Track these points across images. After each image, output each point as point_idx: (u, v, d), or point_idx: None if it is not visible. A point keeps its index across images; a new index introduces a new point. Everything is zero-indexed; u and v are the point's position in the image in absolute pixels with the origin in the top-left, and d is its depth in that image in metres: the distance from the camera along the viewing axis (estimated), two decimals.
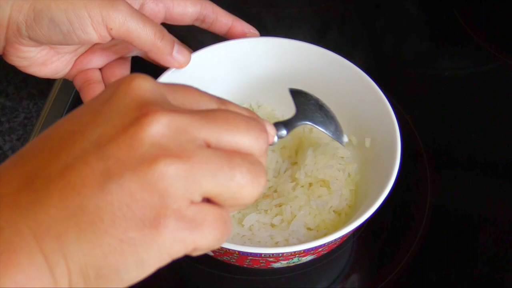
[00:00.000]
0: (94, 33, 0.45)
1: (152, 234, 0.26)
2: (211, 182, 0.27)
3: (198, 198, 0.27)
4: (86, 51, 0.52)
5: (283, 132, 0.39)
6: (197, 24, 0.55)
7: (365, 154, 0.54)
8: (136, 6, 0.49)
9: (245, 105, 0.59)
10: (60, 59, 0.50)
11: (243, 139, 0.28)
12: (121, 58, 0.54)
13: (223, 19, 0.55)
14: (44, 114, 0.64)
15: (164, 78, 0.52)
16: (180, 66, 0.51)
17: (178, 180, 0.26)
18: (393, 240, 0.56)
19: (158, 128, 0.26)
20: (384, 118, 0.52)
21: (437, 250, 0.56)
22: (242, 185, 0.28)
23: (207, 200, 0.28)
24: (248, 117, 0.30)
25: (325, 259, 0.53)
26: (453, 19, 0.77)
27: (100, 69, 0.53)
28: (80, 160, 0.26)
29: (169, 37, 0.49)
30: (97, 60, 0.53)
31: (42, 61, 0.49)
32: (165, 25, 0.52)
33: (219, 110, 0.30)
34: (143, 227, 0.26)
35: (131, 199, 0.26)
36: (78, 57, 0.52)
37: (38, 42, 0.47)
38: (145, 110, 0.27)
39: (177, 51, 0.50)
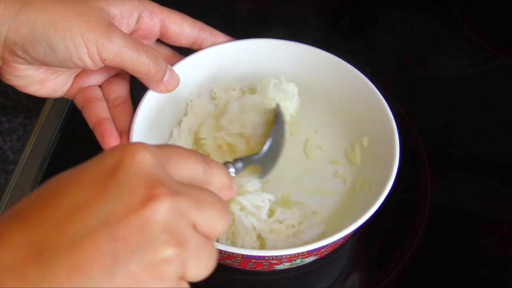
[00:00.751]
0: (89, 62, 0.45)
1: None
2: (196, 268, 0.30)
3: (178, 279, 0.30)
4: (84, 70, 0.52)
5: (239, 167, 0.43)
6: (195, 47, 0.55)
7: (364, 155, 0.54)
8: (133, 21, 0.49)
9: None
10: (58, 77, 0.50)
11: (218, 225, 0.32)
12: (120, 74, 0.54)
13: (220, 40, 0.55)
14: (44, 114, 0.64)
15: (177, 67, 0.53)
16: (168, 92, 0.51)
17: (176, 266, 0.29)
18: (393, 240, 0.56)
19: (166, 213, 0.28)
20: (382, 118, 0.52)
21: (437, 250, 0.56)
22: (209, 265, 0.31)
23: None
24: (223, 207, 0.32)
25: (325, 259, 0.53)
26: (453, 19, 0.77)
27: (100, 86, 0.53)
28: (89, 239, 0.27)
29: (163, 65, 0.49)
30: (96, 77, 0.52)
31: (39, 79, 0.49)
32: None
33: (206, 195, 0.32)
34: None
35: (135, 282, 0.27)
36: (77, 75, 0.52)
37: (32, 64, 0.46)
38: (154, 191, 0.28)
39: (168, 76, 0.50)
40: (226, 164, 0.42)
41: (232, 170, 0.42)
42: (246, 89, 0.59)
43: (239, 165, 0.43)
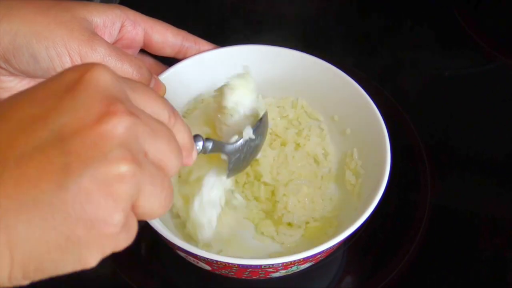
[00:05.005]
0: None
1: (98, 235, 0.27)
2: (150, 198, 0.29)
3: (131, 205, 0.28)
4: None
5: (207, 147, 0.41)
6: (180, 56, 0.54)
7: (356, 160, 0.54)
8: (115, 30, 0.49)
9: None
10: None
11: (170, 162, 0.31)
12: None
13: (205, 49, 0.55)
14: None
15: (162, 78, 0.53)
16: None
17: (131, 186, 0.27)
18: (393, 240, 0.56)
19: (122, 130, 0.27)
20: (373, 125, 0.51)
21: (437, 250, 0.56)
22: (163, 199, 0.30)
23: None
24: (178, 147, 0.31)
25: (325, 259, 0.53)
26: (453, 19, 0.77)
27: None
28: (40, 151, 0.26)
29: (146, 74, 0.48)
30: None
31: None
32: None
33: (164, 129, 0.31)
34: (92, 227, 0.26)
35: (86, 199, 0.26)
36: None
37: (15, 75, 0.45)
38: (112, 108, 0.27)
39: (153, 85, 0.50)
40: (196, 136, 0.39)
41: (200, 143, 0.40)
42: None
43: (208, 144, 0.41)
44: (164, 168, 0.30)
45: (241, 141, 0.46)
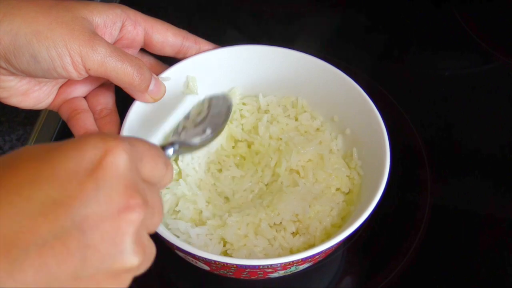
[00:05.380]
0: (74, 72, 0.44)
1: None
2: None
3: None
4: (68, 80, 0.51)
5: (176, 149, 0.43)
6: (180, 56, 0.54)
7: (356, 160, 0.54)
8: (116, 30, 0.49)
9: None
10: (42, 89, 0.49)
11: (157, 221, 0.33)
12: (105, 85, 0.52)
13: (205, 48, 0.55)
14: (44, 114, 0.64)
15: (162, 78, 0.53)
16: (154, 101, 0.51)
17: (135, 273, 0.30)
18: (393, 240, 0.56)
19: (138, 225, 0.29)
20: (372, 125, 0.51)
21: (437, 250, 0.56)
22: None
23: None
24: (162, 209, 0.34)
25: (324, 260, 0.53)
26: (453, 19, 0.77)
27: (85, 97, 0.52)
28: (61, 241, 0.27)
29: (147, 74, 0.48)
30: (81, 88, 0.51)
31: (23, 91, 0.48)
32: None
33: (158, 197, 0.33)
34: None
35: (96, 286, 0.28)
36: (61, 87, 0.51)
37: (15, 74, 0.45)
38: (131, 201, 0.29)
39: (153, 86, 0.50)
40: (166, 147, 0.42)
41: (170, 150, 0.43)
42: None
43: (175, 147, 0.43)
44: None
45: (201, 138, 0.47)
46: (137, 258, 0.29)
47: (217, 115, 0.49)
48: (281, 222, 0.50)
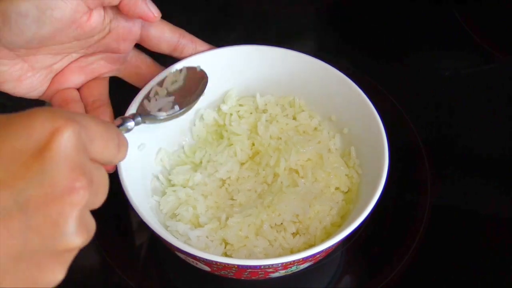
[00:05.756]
0: (66, 5, 0.43)
1: None
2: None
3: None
4: (62, 70, 0.51)
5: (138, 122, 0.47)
6: (175, 54, 0.54)
7: (354, 159, 0.54)
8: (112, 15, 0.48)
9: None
10: (35, 75, 0.49)
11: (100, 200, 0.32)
12: (99, 78, 0.53)
13: (201, 49, 0.55)
14: None
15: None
16: (155, 19, 0.49)
17: (77, 251, 0.30)
18: (393, 240, 0.56)
19: (81, 207, 0.29)
20: (370, 125, 0.51)
21: (437, 250, 0.56)
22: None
23: None
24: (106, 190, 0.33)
25: (324, 260, 0.53)
26: (453, 19, 0.77)
27: (78, 89, 0.52)
28: (2, 222, 0.27)
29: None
30: (75, 79, 0.51)
31: (16, 76, 0.47)
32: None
33: (105, 177, 0.32)
34: None
35: (37, 267, 0.28)
36: (55, 76, 0.51)
37: (11, 47, 0.45)
38: (76, 184, 0.28)
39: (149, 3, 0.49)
40: (126, 119, 0.45)
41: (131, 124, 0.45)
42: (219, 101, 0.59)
43: (138, 119, 0.46)
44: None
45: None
46: (79, 239, 0.29)
47: (190, 89, 0.50)
48: (282, 223, 0.50)
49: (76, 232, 0.29)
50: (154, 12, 0.48)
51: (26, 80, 0.48)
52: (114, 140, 0.33)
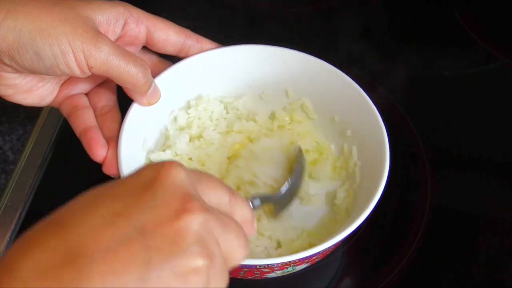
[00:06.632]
0: (77, 69, 0.44)
1: None
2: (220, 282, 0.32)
3: None
4: (70, 77, 0.51)
5: (256, 205, 0.45)
6: (182, 55, 0.54)
7: (354, 161, 0.54)
8: (118, 28, 0.49)
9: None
10: (45, 86, 0.49)
11: (237, 253, 0.33)
12: (107, 83, 0.53)
13: (207, 47, 0.55)
14: (44, 114, 0.64)
15: (163, 76, 0.53)
16: (148, 105, 0.51)
17: (204, 277, 0.30)
18: (393, 240, 0.56)
19: (198, 227, 0.30)
20: (372, 126, 0.51)
21: (437, 250, 0.56)
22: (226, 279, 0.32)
23: None
24: (245, 240, 0.34)
25: (324, 260, 0.53)
26: (453, 19, 0.77)
27: (86, 94, 0.53)
28: (124, 246, 0.28)
29: (150, 77, 0.49)
30: (83, 85, 0.52)
31: (27, 88, 0.48)
32: None
33: (232, 222, 0.34)
34: None
35: None
36: (63, 83, 0.51)
37: (19, 72, 0.46)
38: (188, 205, 0.30)
39: (152, 90, 0.50)
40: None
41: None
42: (230, 99, 0.59)
43: (257, 202, 0.44)
44: (231, 259, 0.33)
45: (286, 186, 0.50)
46: (200, 259, 0.29)
47: (297, 172, 0.52)
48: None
49: (196, 251, 0.29)
50: (151, 101, 0.51)
51: (36, 90, 0.49)
52: (223, 186, 0.35)
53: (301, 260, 0.44)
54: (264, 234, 0.50)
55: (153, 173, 0.31)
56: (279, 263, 0.43)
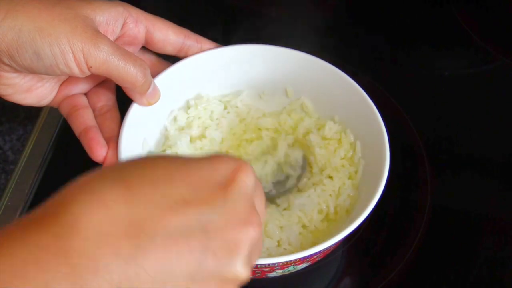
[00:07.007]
0: (76, 69, 0.44)
1: None
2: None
3: None
4: (70, 77, 0.51)
5: None
6: (181, 55, 0.54)
7: (359, 157, 0.54)
8: (118, 28, 0.49)
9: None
10: (45, 85, 0.49)
11: (256, 257, 0.34)
12: (106, 82, 0.53)
13: (207, 47, 0.55)
14: (44, 114, 0.64)
15: (162, 76, 0.53)
16: (148, 105, 0.51)
17: (237, 286, 0.31)
18: (393, 240, 0.56)
19: (252, 241, 0.31)
20: (372, 126, 0.51)
21: (437, 250, 0.56)
22: None
23: None
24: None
25: (324, 260, 0.53)
26: (453, 19, 0.77)
27: (85, 94, 0.52)
28: (184, 238, 0.28)
29: (149, 77, 0.49)
30: (82, 85, 0.52)
31: (26, 87, 0.48)
32: None
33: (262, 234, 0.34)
34: None
35: None
36: (63, 83, 0.51)
37: (18, 71, 0.45)
38: (251, 218, 0.31)
39: (151, 90, 0.50)
40: None
41: None
42: (229, 97, 0.59)
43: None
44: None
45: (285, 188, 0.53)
46: (246, 272, 0.30)
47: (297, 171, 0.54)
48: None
49: (244, 264, 0.30)
50: (150, 101, 0.51)
51: (36, 90, 0.49)
52: (264, 196, 0.36)
53: (302, 259, 0.44)
54: (265, 233, 0.50)
55: (229, 173, 0.31)
56: (280, 263, 0.43)
